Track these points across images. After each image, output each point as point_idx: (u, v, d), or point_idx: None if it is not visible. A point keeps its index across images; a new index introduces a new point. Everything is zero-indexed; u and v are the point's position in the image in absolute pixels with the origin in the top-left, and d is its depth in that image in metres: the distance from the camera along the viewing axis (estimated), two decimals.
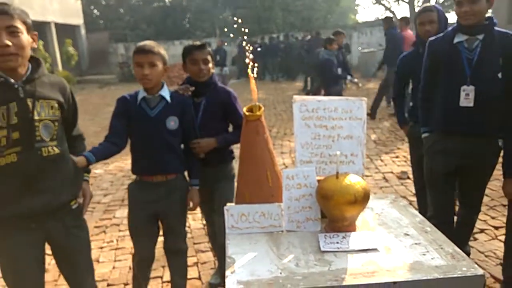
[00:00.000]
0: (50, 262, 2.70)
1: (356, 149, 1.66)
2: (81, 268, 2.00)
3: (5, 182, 1.69)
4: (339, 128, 1.65)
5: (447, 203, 2.51)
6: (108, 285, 2.97)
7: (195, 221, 3.88)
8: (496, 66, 2.23)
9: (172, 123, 2.26)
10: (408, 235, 1.49)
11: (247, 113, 1.63)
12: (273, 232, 1.55)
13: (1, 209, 1.74)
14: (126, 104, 2.27)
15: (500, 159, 2.39)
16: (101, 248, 3.50)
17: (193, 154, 2.41)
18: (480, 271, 1.24)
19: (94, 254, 2.11)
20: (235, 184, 1.71)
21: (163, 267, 3.04)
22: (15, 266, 1.80)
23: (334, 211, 1.45)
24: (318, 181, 1.54)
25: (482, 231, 3.36)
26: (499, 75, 2.23)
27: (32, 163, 1.71)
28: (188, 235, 3.50)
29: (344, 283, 1.21)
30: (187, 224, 3.24)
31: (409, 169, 4.88)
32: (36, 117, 1.71)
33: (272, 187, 1.61)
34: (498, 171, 2.44)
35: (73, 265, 1.97)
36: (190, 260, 3.07)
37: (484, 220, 3.52)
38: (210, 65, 2.45)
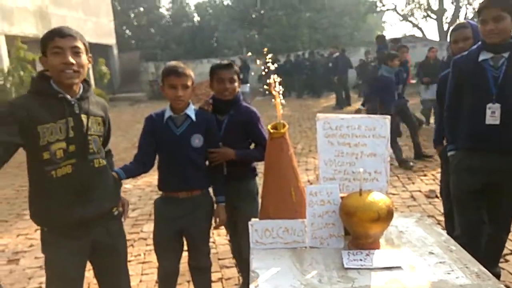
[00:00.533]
0: None
1: (379, 167, 1.67)
2: (123, 271, 2.13)
3: (59, 193, 1.81)
4: (362, 146, 1.67)
5: (473, 222, 2.44)
6: None
7: (219, 236, 3.92)
8: None
9: (197, 140, 2.33)
10: (432, 253, 1.48)
11: (271, 131, 1.68)
12: (296, 248, 1.57)
13: (54, 219, 1.85)
14: (153, 124, 2.37)
15: None
16: (129, 261, 3.51)
17: (217, 169, 2.45)
18: None
19: None
20: (259, 201, 1.75)
21: (188, 282, 3.07)
22: (61, 276, 1.89)
23: (357, 228, 1.46)
24: (342, 198, 1.55)
25: None
26: None
27: (85, 174, 1.85)
28: (213, 251, 3.53)
29: None
30: (211, 240, 3.28)
31: (437, 188, 4.77)
32: (89, 132, 1.87)
33: (296, 203, 1.64)
34: None
35: (118, 267, 2.09)
36: (215, 276, 3.10)
37: None
38: (236, 84, 2.49)
